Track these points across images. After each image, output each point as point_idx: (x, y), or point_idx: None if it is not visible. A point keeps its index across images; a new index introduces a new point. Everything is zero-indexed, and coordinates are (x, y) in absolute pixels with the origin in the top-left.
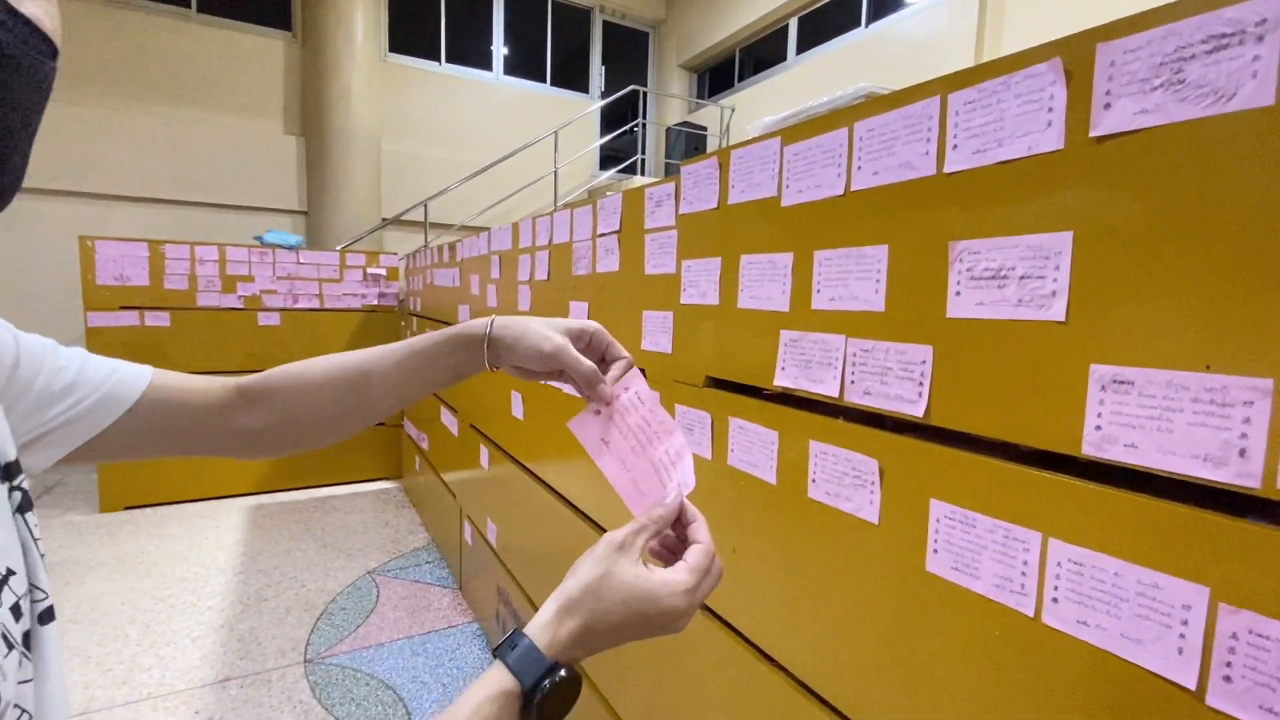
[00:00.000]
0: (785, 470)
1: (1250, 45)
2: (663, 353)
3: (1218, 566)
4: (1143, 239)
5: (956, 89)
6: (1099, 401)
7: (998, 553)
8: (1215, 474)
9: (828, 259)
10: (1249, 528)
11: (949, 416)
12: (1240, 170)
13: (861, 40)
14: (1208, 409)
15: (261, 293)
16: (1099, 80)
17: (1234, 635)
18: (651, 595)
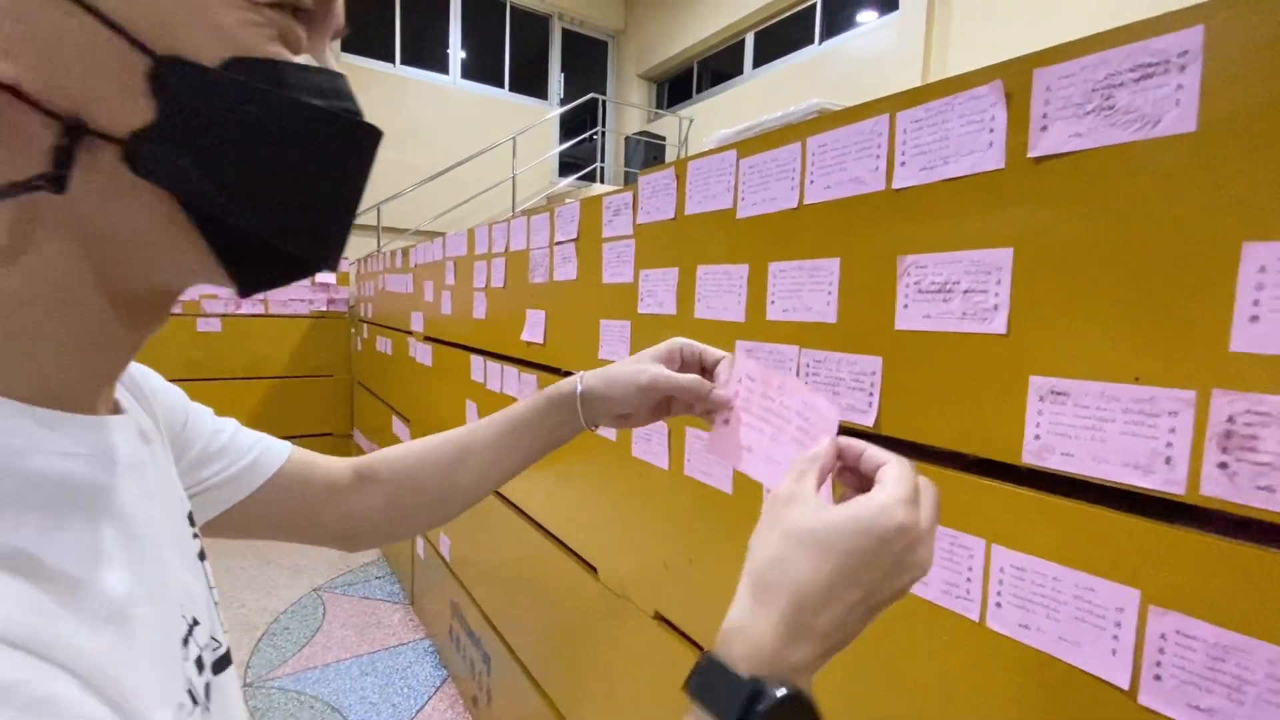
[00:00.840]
0: (740, 480)
1: (1174, 75)
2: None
3: (1148, 570)
4: (1077, 256)
5: (904, 108)
6: (1038, 412)
7: (944, 559)
8: (1144, 481)
9: (782, 270)
10: (1176, 532)
11: (898, 426)
12: (1165, 193)
13: (815, 57)
14: (1137, 419)
15: (201, 297)
16: (1036, 103)
17: (1163, 636)
18: (857, 522)
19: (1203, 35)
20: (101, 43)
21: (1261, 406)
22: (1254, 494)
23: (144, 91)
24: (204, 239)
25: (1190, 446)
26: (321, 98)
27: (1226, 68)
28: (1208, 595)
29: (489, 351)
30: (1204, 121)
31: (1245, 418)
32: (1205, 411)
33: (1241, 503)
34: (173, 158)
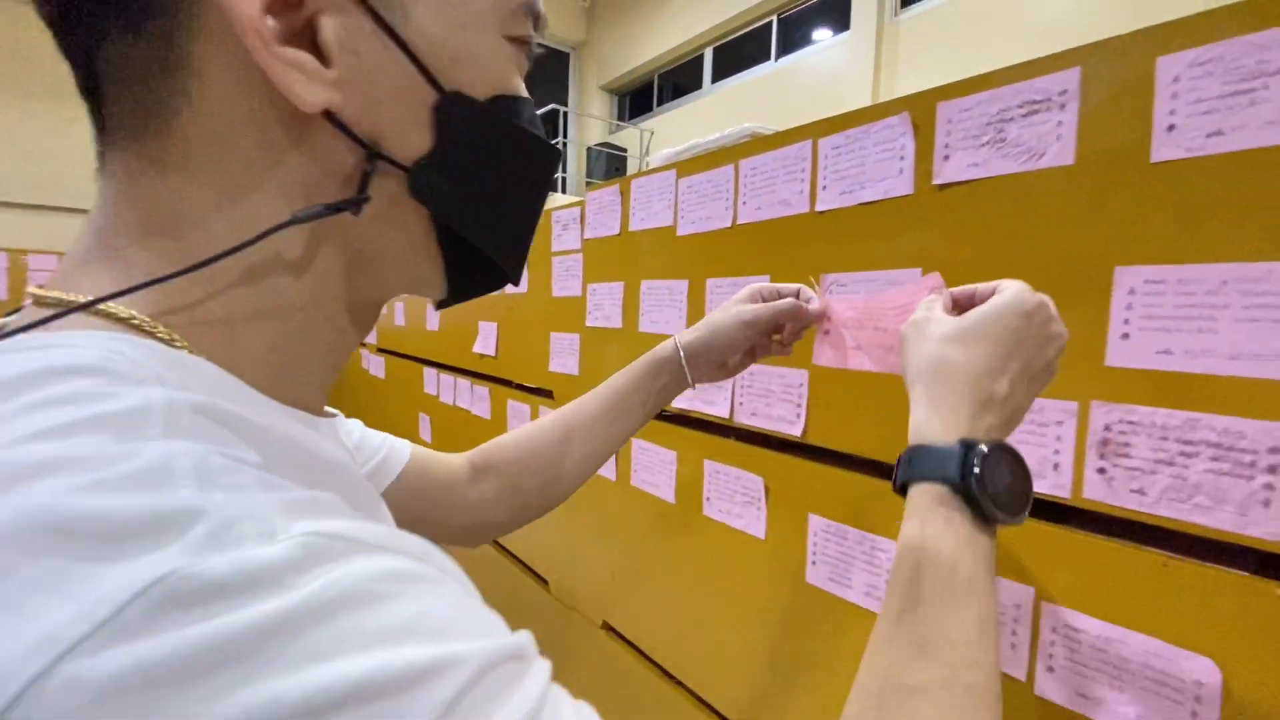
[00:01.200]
0: (683, 489)
1: (1055, 112)
2: (570, 374)
3: (1040, 568)
4: (974, 276)
5: (825, 134)
6: None
7: (865, 562)
8: (1037, 486)
9: (718, 286)
10: (1064, 533)
11: (824, 436)
12: (1048, 220)
13: (771, 73)
14: (1030, 428)
15: None
16: (940, 135)
17: (1054, 629)
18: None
19: (1079, 76)
20: (405, 78)
21: (1133, 416)
22: (1128, 496)
23: (427, 123)
24: (442, 254)
25: (1074, 453)
26: (533, 126)
27: (1099, 107)
28: (1090, 591)
29: (442, 364)
30: (1080, 155)
31: (1119, 426)
32: (1085, 421)
33: (1117, 504)
34: (440, 183)
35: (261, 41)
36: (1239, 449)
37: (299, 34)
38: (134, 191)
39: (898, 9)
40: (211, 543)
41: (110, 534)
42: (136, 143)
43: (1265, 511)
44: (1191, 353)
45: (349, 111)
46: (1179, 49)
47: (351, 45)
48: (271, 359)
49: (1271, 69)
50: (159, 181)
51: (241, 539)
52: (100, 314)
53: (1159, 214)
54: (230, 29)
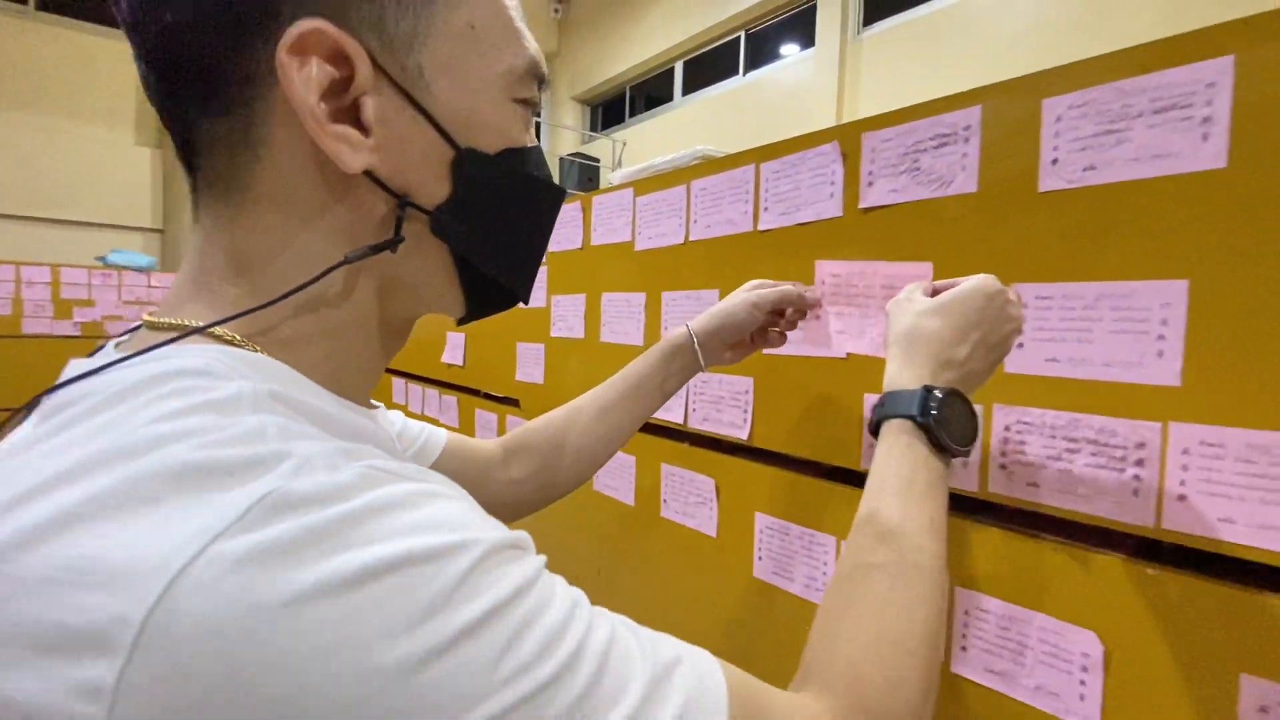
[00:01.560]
0: (642, 492)
1: (961, 144)
2: (536, 384)
3: (956, 557)
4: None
5: (766, 159)
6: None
7: (805, 557)
8: (952, 483)
9: (673, 299)
10: (975, 525)
11: (767, 438)
12: (956, 242)
13: (740, 86)
14: None
15: (104, 319)
16: (865, 162)
17: (966, 612)
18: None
19: (980, 114)
20: (428, 140)
21: (1027, 417)
22: (1025, 489)
23: (446, 175)
24: (460, 281)
25: (981, 451)
26: (540, 170)
27: (997, 141)
28: (997, 576)
29: (411, 374)
30: (982, 183)
31: (1017, 427)
32: (990, 422)
33: (1016, 497)
34: (457, 223)
35: (316, 122)
36: (1113, 445)
37: (345, 111)
38: (220, 239)
39: (860, 27)
40: (296, 472)
41: (228, 471)
42: (221, 201)
43: (1135, 500)
44: (1074, 360)
45: (384, 170)
46: (1061, 93)
47: (385, 117)
48: (325, 366)
49: (1134, 113)
50: (238, 231)
51: (314, 469)
52: (204, 335)
53: (1047, 237)
54: (294, 111)
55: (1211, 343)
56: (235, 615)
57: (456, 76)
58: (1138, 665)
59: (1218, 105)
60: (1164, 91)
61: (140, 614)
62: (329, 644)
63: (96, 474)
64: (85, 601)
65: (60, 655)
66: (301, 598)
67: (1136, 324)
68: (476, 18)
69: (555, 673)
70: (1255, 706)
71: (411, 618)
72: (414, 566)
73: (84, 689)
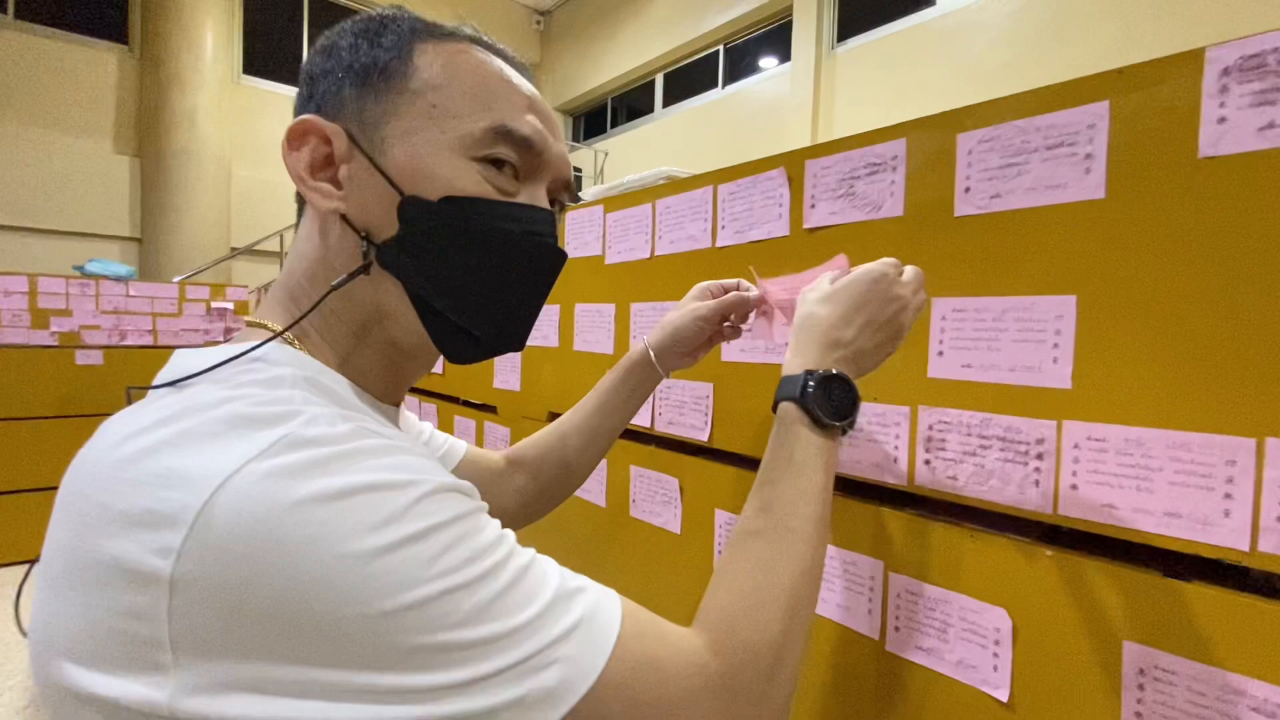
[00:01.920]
0: (613, 493)
1: (889, 173)
2: (512, 390)
3: (887, 544)
4: None
5: (723, 181)
6: None
7: None
8: (883, 476)
9: (640, 310)
10: (904, 515)
11: (727, 441)
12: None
13: (719, 99)
14: (877, 428)
15: (81, 329)
16: (808, 186)
17: (898, 595)
18: (854, 275)
19: (905, 145)
20: (381, 188)
21: (946, 417)
22: (946, 482)
23: (394, 217)
24: (419, 314)
25: (909, 448)
26: (513, 223)
27: (920, 170)
28: (924, 561)
29: None
30: (908, 208)
31: (938, 426)
32: (915, 422)
33: (938, 488)
34: (402, 257)
35: (300, 181)
36: (1017, 441)
37: (323, 170)
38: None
39: (834, 43)
40: (307, 423)
41: (264, 421)
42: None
43: (1036, 490)
44: (984, 366)
45: (351, 212)
46: (972, 128)
47: (354, 175)
48: (341, 366)
49: (1031, 148)
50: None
51: (319, 423)
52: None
53: (961, 257)
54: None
55: (1096, 350)
56: (257, 510)
57: (411, 142)
58: (1040, 637)
59: (1097, 143)
60: (1055, 130)
61: (199, 504)
62: (316, 534)
63: (181, 419)
64: (168, 495)
65: (147, 528)
66: (301, 502)
67: (1036, 334)
68: (439, 99)
69: (475, 577)
70: (1135, 669)
71: (373, 524)
72: (378, 491)
73: (159, 549)
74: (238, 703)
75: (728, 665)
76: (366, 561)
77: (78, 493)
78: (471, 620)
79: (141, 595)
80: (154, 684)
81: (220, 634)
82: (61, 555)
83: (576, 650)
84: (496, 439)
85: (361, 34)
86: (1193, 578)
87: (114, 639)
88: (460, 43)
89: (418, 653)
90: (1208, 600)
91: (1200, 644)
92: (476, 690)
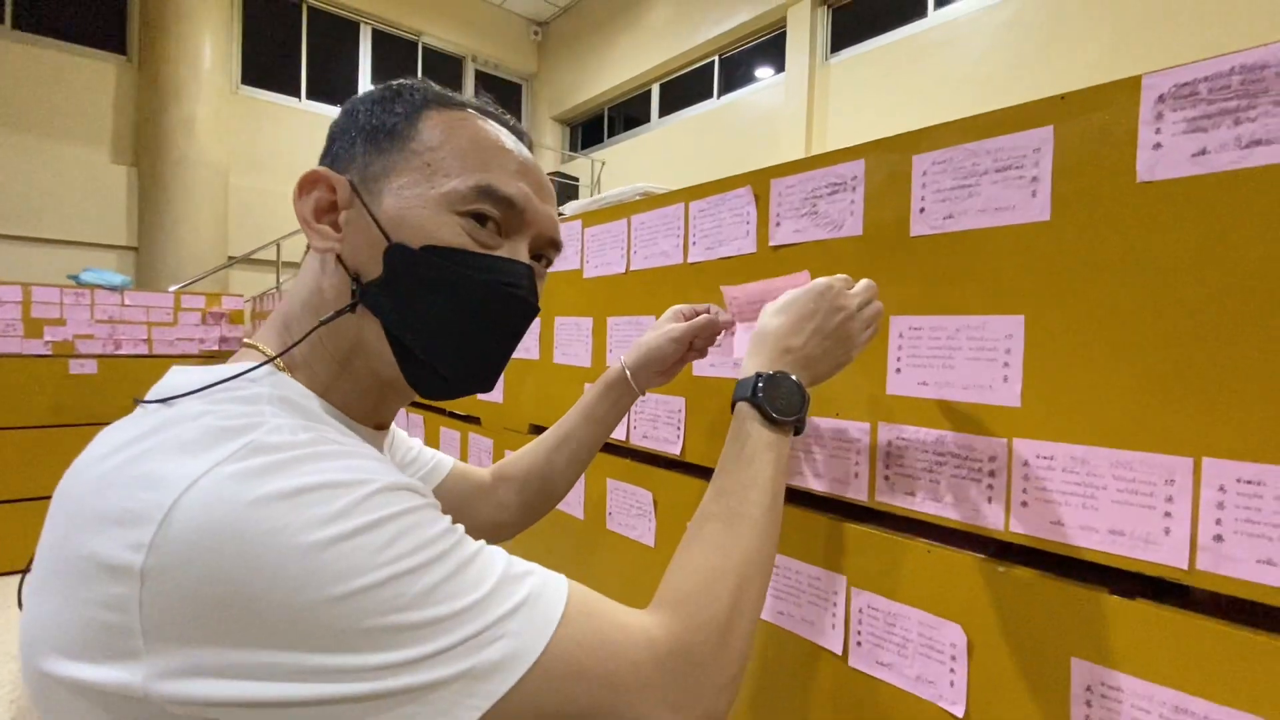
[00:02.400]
0: (590, 506)
1: (849, 192)
2: (495, 403)
3: (850, 560)
4: None
5: (694, 199)
6: None
7: None
8: (845, 492)
9: (616, 324)
10: (865, 530)
11: (698, 454)
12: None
13: (715, 109)
14: (838, 446)
15: (75, 338)
16: (774, 205)
17: (860, 610)
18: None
19: (864, 166)
20: (373, 235)
21: (904, 434)
22: (903, 498)
23: (380, 261)
24: (393, 352)
25: (869, 465)
26: (487, 274)
27: (877, 190)
28: (882, 575)
29: None
30: (866, 227)
31: (897, 442)
32: (875, 439)
33: (898, 505)
34: (384, 299)
35: (304, 223)
36: (972, 458)
37: (326, 215)
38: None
39: (828, 54)
40: (270, 432)
41: (234, 431)
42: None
43: (989, 506)
44: (939, 384)
45: (346, 254)
46: (926, 150)
47: (352, 220)
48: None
49: (982, 170)
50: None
51: (281, 431)
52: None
53: (917, 276)
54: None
55: (1043, 369)
56: (220, 507)
57: (403, 195)
58: (994, 653)
59: (1042, 167)
60: (1003, 153)
61: (169, 503)
62: (273, 528)
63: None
64: (143, 495)
65: (123, 526)
66: (259, 500)
67: (987, 353)
68: (434, 158)
69: (422, 563)
70: (1083, 686)
71: (325, 517)
72: (331, 489)
73: (132, 544)
74: (203, 686)
75: (675, 639)
76: (319, 551)
77: (68, 496)
78: (418, 603)
79: (116, 587)
80: (128, 669)
81: (186, 622)
82: (49, 555)
83: (521, 626)
84: (480, 450)
85: (379, 100)
86: (1138, 595)
87: (92, 629)
88: (465, 111)
89: (369, 634)
90: (1151, 618)
91: (1145, 661)
92: (425, 666)
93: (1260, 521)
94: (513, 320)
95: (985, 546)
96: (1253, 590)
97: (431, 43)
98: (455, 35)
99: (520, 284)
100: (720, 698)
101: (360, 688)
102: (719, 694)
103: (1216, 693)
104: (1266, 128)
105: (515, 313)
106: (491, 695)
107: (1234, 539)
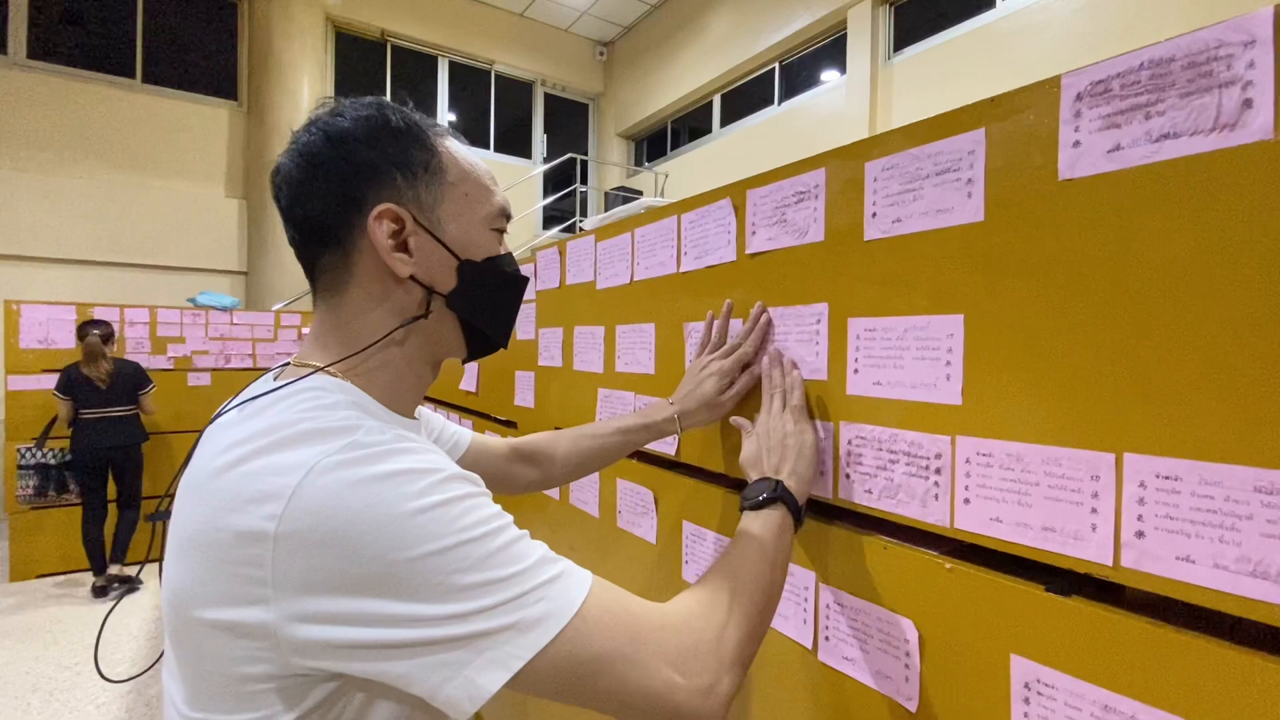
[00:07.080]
0: (604, 505)
1: (813, 201)
2: (528, 407)
3: (818, 557)
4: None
5: (684, 211)
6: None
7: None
8: (814, 490)
9: (623, 332)
10: (831, 528)
11: (694, 456)
12: (810, 280)
13: (775, 116)
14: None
15: (193, 354)
16: (750, 215)
17: (828, 605)
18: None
19: (825, 175)
20: (444, 256)
21: (862, 433)
22: (863, 495)
23: (454, 275)
24: (464, 336)
25: (833, 463)
26: (510, 267)
27: (836, 198)
28: (846, 572)
29: (434, 399)
30: (828, 233)
31: (856, 441)
32: (838, 438)
33: (856, 502)
34: (463, 301)
35: (387, 253)
36: (920, 456)
37: (400, 244)
38: (329, 318)
39: (890, 54)
40: (365, 434)
41: (332, 433)
42: (331, 296)
43: (936, 503)
44: (891, 384)
45: (420, 274)
46: (877, 157)
47: (420, 246)
48: (384, 389)
49: (924, 174)
50: (340, 312)
51: (372, 433)
52: (321, 371)
53: (871, 278)
54: (373, 247)
55: (981, 367)
56: (333, 486)
57: (459, 220)
58: (943, 649)
59: (977, 169)
60: (942, 157)
61: (295, 483)
62: (372, 502)
63: (272, 434)
64: (274, 479)
65: (259, 503)
66: (362, 481)
67: (932, 352)
68: (468, 189)
69: (480, 535)
70: (1022, 683)
71: (411, 494)
72: (413, 474)
73: (268, 516)
74: (315, 630)
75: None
76: (408, 519)
77: (202, 486)
78: (478, 566)
79: (254, 549)
80: (261, 611)
81: (304, 572)
82: (189, 529)
83: (557, 593)
84: None
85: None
86: (1073, 593)
87: (234, 582)
88: (450, 138)
89: (440, 587)
90: (1083, 616)
91: (1077, 659)
92: (482, 616)
93: (1179, 518)
94: (523, 292)
95: (939, 543)
96: (1174, 588)
97: (504, 70)
98: (525, 62)
99: (518, 266)
100: (722, 676)
101: (435, 632)
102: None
103: (1143, 692)
104: (1174, 121)
105: (523, 287)
106: (534, 646)
107: (1155, 535)
